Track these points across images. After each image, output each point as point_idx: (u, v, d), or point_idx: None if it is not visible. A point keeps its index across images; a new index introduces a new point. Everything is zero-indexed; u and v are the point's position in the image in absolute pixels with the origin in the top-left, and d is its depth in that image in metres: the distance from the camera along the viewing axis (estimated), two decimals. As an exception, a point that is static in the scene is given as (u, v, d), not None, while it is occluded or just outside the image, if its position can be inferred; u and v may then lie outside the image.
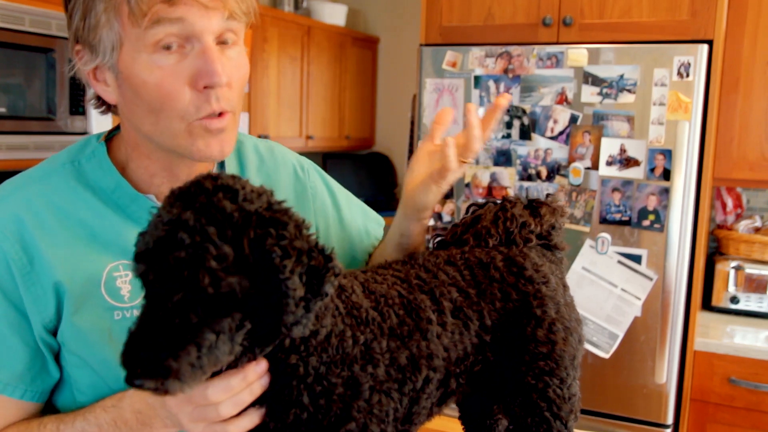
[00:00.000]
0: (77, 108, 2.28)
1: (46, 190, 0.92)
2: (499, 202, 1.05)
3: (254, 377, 0.75)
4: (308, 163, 1.19)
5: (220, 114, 0.88)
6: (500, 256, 0.95)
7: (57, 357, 0.92)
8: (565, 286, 1.00)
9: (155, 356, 0.63)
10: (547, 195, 1.06)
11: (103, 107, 0.96)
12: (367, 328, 0.81)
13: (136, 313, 0.86)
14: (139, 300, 0.90)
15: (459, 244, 1.01)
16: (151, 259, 0.65)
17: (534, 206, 1.04)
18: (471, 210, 1.06)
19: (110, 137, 1.00)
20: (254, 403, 0.77)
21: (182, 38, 0.84)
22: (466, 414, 1.06)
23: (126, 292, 0.92)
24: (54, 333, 0.90)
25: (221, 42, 0.88)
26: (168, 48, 0.84)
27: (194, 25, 0.84)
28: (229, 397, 0.75)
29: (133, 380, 0.64)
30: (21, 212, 0.89)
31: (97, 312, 0.90)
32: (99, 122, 2.36)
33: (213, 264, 0.63)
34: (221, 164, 1.06)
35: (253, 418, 0.78)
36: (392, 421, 0.82)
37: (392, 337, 0.83)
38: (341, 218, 1.18)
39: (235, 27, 0.88)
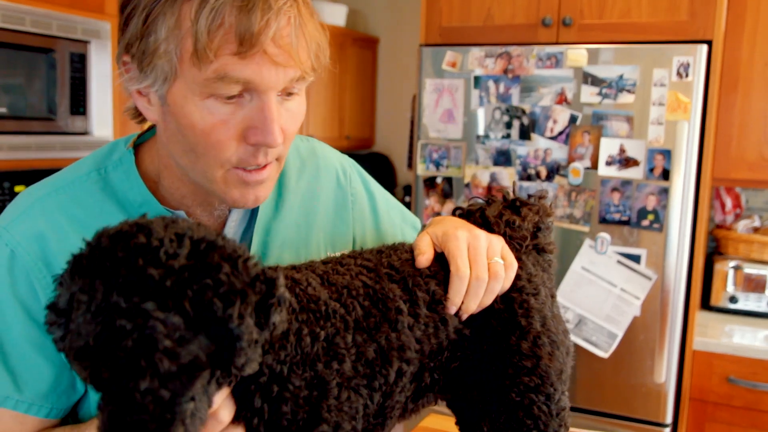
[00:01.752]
0: (78, 108, 2.29)
1: (69, 203, 0.87)
2: (482, 201, 1.01)
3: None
4: (350, 165, 1.14)
5: (264, 165, 0.83)
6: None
7: None
8: (554, 297, 0.96)
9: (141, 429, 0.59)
10: (529, 196, 1.01)
11: (140, 118, 0.89)
12: (327, 322, 0.77)
13: None
14: None
15: None
16: (97, 357, 0.58)
17: (516, 206, 1.00)
18: (457, 214, 1.02)
19: (138, 142, 0.94)
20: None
21: (244, 90, 0.78)
22: (463, 420, 1.05)
23: None
24: None
25: (285, 93, 0.82)
26: (229, 98, 0.77)
27: (260, 84, 0.77)
28: (224, 400, 0.72)
29: None
30: (43, 228, 0.85)
31: None
32: (100, 122, 2.36)
33: (167, 343, 0.58)
34: None
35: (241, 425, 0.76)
36: (363, 416, 0.79)
37: (358, 330, 0.79)
38: (378, 224, 1.14)
39: (304, 82, 0.83)
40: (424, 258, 0.89)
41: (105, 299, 0.58)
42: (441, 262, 0.90)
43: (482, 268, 0.87)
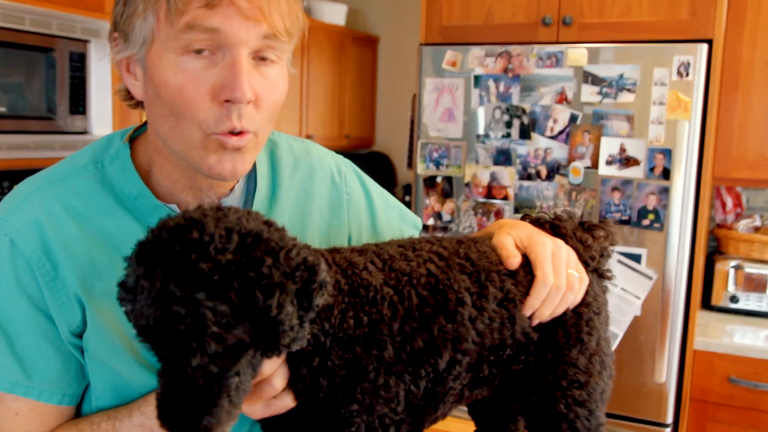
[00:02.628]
0: (77, 107, 2.28)
1: (66, 194, 0.88)
2: (552, 217, 1.04)
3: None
4: (345, 165, 1.14)
5: (240, 133, 0.83)
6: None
7: None
8: (608, 321, 1.00)
9: (194, 418, 0.66)
10: (602, 219, 1.04)
11: (132, 101, 0.91)
12: (373, 308, 0.80)
13: None
14: None
15: None
16: (156, 336, 0.67)
17: (588, 227, 1.02)
18: (527, 220, 1.04)
19: (134, 136, 0.95)
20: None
21: (215, 45, 0.79)
22: (481, 421, 1.06)
23: None
24: (80, 337, 0.88)
25: (260, 58, 0.83)
26: (199, 52, 0.79)
27: (229, 36, 0.78)
28: (278, 368, 0.76)
29: None
30: (41, 217, 0.86)
31: (118, 323, 0.87)
32: (99, 122, 2.36)
33: (215, 329, 0.65)
34: (254, 169, 1.00)
35: (292, 393, 0.79)
36: (405, 400, 0.82)
37: (409, 320, 0.81)
38: (375, 224, 1.14)
39: (278, 45, 0.83)
40: (516, 260, 0.91)
41: (163, 287, 0.66)
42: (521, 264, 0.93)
43: (562, 278, 0.90)
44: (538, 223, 1.02)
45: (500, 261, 0.91)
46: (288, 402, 0.79)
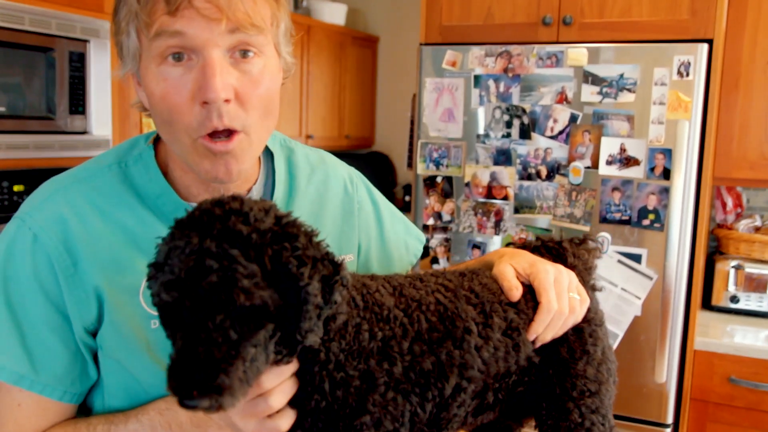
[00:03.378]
0: (77, 107, 2.28)
1: (91, 192, 0.90)
2: (544, 241, 1.08)
3: (296, 365, 0.78)
4: (357, 176, 1.19)
5: (230, 134, 0.84)
6: None
7: (94, 359, 0.92)
8: (607, 331, 1.06)
9: (208, 376, 0.66)
10: (585, 236, 1.10)
11: (147, 112, 0.93)
12: (386, 325, 0.82)
13: None
14: None
15: None
16: (184, 287, 0.67)
17: (580, 242, 1.08)
18: (530, 247, 1.07)
19: (159, 138, 0.97)
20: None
21: (189, 50, 0.82)
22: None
23: None
24: (94, 335, 0.89)
25: (242, 54, 0.84)
26: (177, 60, 0.82)
27: (195, 39, 0.81)
28: (279, 384, 0.77)
29: (187, 402, 0.66)
30: (65, 213, 0.88)
31: (135, 320, 0.88)
32: (98, 122, 2.36)
33: (245, 283, 0.67)
34: (272, 174, 1.02)
35: (292, 413, 0.80)
36: (410, 422, 0.83)
37: (418, 341, 0.84)
38: (383, 235, 1.16)
39: (252, 39, 0.84)
40: (518, 293, 0.94)
41: (199, 244, 0.68)
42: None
43: (565, 303, 0.95)
44: (536, 249, 1.06)
45: (502, 291, 0.95)
46: (282, 425, 0.78)
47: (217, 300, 0.67)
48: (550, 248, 1.05)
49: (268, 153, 1.04)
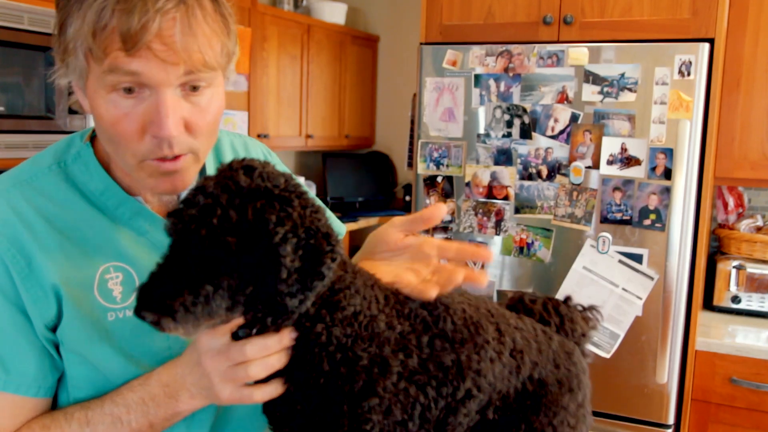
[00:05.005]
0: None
1: (33, 193, 0.91)
2: (549, 299, 1.09)
3: (288, 342, 0.80)
4: (277, 161, 1.20)
5: (177, 156, 0.87)
6: (557, 336, 1.02)
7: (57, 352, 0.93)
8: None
9: (157, 295, 0.73)
10: (584, 308, 1.11)
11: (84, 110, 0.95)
12: (407, 321, 0.85)
13: (129, 313, 0.90)
14: (131, 300, 0.92)
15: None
16: (175, 214, 0.74)
17: (579, 308, 1.10)
18: (519, 306, 1.09)
19: (94, 136, 0.99)
20: (277, 375, 0.83)
21: (139, 84, 0.83)
22: None
23: (118, 294, 0.92)
24: (54, 330, 0.91)
25: (190, 88, 0.86)
26: (128, 91, 0.83)
27: (150, 79, 0.82)
28: (263, 357, 0.80)
29: (138, 311, 0.73)
30: (9, 216, 0.89)
31: (93, 314, 0.90)
32: (98, 121, 2.35)
33: (215, 222, 0.71)
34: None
35: (277, 387, 0.82)
36: (419, 418, 0.85)
37: (441, 338, 0.86)
38: None
39: (204, 76, 0.85)
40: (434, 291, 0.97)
41: (203, 185, 0.75)
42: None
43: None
44: (523, 306, 1.08)
45: (511, 316, 0.98)
46: (256, 395, 0.82)
47: (191, 231, 0.72)
48: (548, 307, 1.07)
49: None
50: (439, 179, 2.45)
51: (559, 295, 2.26)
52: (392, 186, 4.48)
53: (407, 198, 4.25)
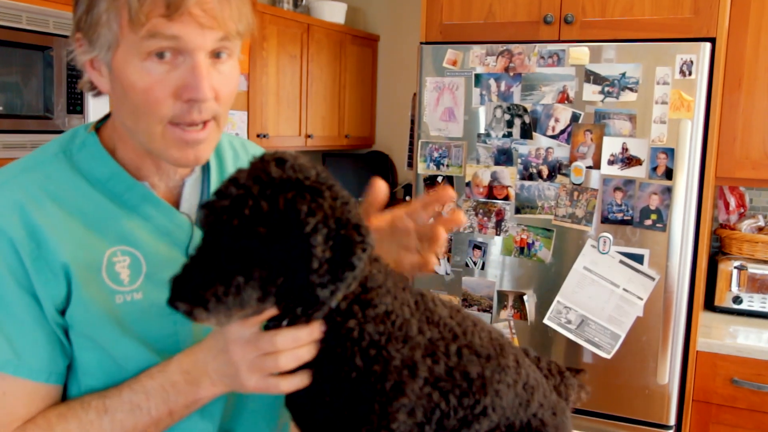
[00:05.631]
0: (75, 107, 2.27)
1: (41, 178, 0.92)
2: (550, 362, 1.11)
3: (318, 335, 0.81)
4: None
5: (204, 123, 0.90)
6: (555, 394, 1.03)
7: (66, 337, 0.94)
8: None
9: (190, 286, 0.74)
10: (577, 371, 1.13)
11: (96, 90, 0.97)
12: (436, 328, 0.86)
13: (137, 296, 0.92)
14: (138, 283, 0.93)
15: None
16: (208, 206, 0.75)
17: (574, 371, 1.12)
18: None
19: (99, 126, 1.01)
20: (305, 366, 0.83)
21: (175, 50, 0.86)
22: None
23: (126, 277, 0.92)
24: (63, 314, 0.91)
25: (215, 55, 0.90)
26: (161, 56, 0.86)
27: (188, 43, 0.86)
28: (293, 348, 0.81)
29: (171, 302, 0.75)
30: (20, 198, 0.89)
31: (101, 296, 0.91)
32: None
33: (246, 212, 0.72)
34: (207, 163, 1.08)
35: (303, 378, 0.83)
36: (437, 423, 0.85)
37: (469, 348, 0.87)
38: None
39: (230, 45, 0.90)
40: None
41: (235, 176, 0.76)
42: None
43: None
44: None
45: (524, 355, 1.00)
46: (283, 386, 0.83)
47: (224, 222, 0.73)
48: (551, 367, 1.08)
49: None
50: (440, 179, 2.44)
51: (560, 295, 2.27)
52: (392, 186, 4.48)
53: (407, 198, 4.24)
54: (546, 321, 2.33)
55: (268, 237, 0.72)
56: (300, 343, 0.81)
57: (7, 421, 0.88)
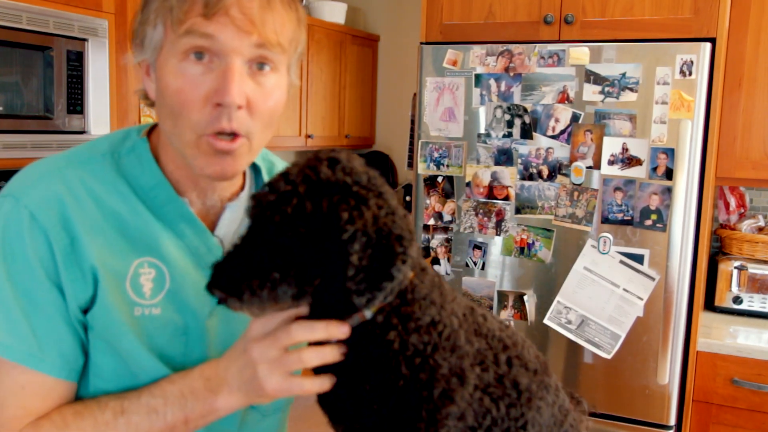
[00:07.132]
0: (75, 107, 2.27)
1: (86, 176, 0.92)
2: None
3: (335, 331, 0.81)
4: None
5: (234, 136, 0.88)
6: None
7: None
8: None
9: (228, 275, 0.75)
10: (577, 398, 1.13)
11: (149, 101, 0.97)
12: (484, 339, 0.87)
13: (155, 311, 0.92)
14: (159, 297, 0.93)
15: None
16: (256, 198, 0.76)
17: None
18: None
19: (151, 131, 1.00)
20: (330, 371, 0.84)
21: (213, 53, 0.86)
22: None
23: (148, 290, 0.92)
24: (85, 313, 0.91)
25: (258, 66, 0.88)
26: (199, 57, 0.86)
27: (224, 45, 0.85)
28: (309, 336, 0.81)
29: (209, 287, 0.76)
30: (61, 192, 0.89)
31: (122, 305, 0.90)
32: (97, 121, 2.34)
33: (289, 210, 0.72)
34: (258, 176, 1.07)
35: (324, 382, 0.83)
36: (486, 431, 0.85)
37: (519, 359, 0.88)
38: None
39: (272, 56, 0.88)
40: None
41: (287, 172, 0.77)
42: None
43: None
44: None
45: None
46: (307, 385, 0.83)
47: (267, 217, 0.73)
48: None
49: (254, 166, 1.08)
50: (440, 179, 2.44)
51: (560, 296, 2.27)
52: (392, 186, 4.47)
53: (407, 198, 4.24)
54: (546, 321, 2.33)
55: (306, 238, 0.73)
56: (315, 335, 0.81)
57: (22, 414, 0.87)
